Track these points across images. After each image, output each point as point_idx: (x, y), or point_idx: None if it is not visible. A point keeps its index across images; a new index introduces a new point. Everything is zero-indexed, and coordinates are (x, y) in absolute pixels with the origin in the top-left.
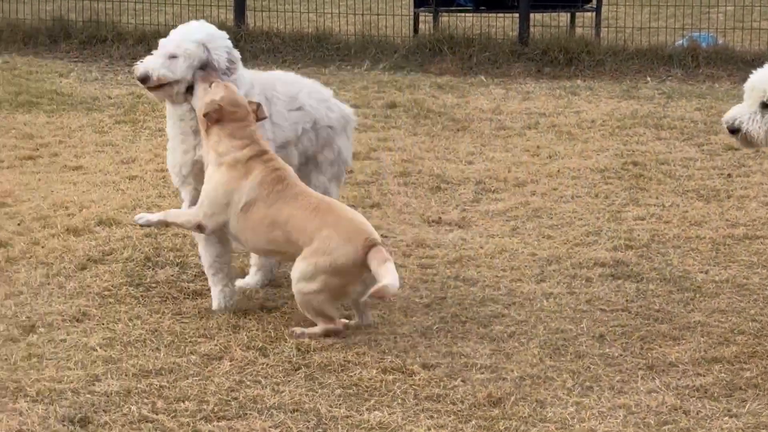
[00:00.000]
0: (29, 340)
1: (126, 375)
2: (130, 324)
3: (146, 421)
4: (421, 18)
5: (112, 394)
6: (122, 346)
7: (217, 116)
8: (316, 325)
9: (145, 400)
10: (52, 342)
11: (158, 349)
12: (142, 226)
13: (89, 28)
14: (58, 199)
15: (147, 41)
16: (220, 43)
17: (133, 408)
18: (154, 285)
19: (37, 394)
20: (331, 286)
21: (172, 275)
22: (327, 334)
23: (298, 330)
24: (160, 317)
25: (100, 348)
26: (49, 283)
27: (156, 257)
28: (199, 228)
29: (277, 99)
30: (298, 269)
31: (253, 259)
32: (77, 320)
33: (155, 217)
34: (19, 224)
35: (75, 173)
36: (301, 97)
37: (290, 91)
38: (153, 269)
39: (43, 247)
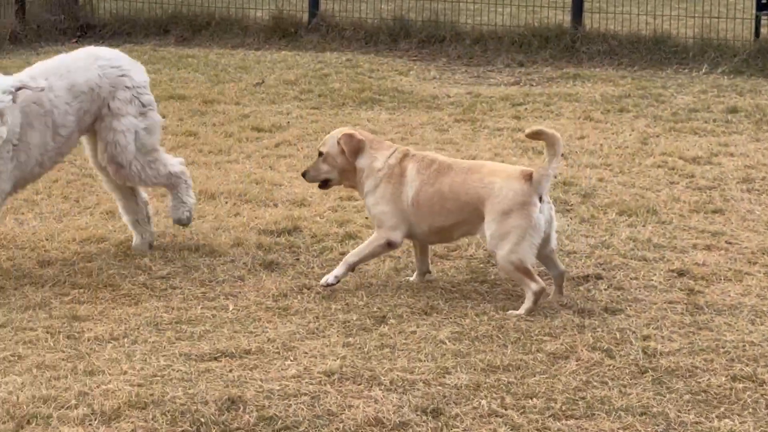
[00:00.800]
0: (381, 330)
1: (475, 369)
2: (476, 319)
3: (496, 416)
4: (763, 21)
5: (461, 387)
6: (470, 340)
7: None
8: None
9: (494, 395)
10: (402, 333)
11: (505, 346)
12: (329, 285)
13: (428, 27)
14: None
15: (484, 41)
16: None
17: (483, 402)
18: (498, 282)
19: (390, 383)
20: (519, 228)
21: None
22: (536, 300)
23: (515, 313)
24: (505, 314)
25: (449, 341)
26: (397, 276)
27: None
28: (391, 245)
29: None
30: (489, 231)
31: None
32: (426, 313)
33: (340, 270)
34: (366, 218)
35: None
36: None
37: None
38: (496, 266)
39: None
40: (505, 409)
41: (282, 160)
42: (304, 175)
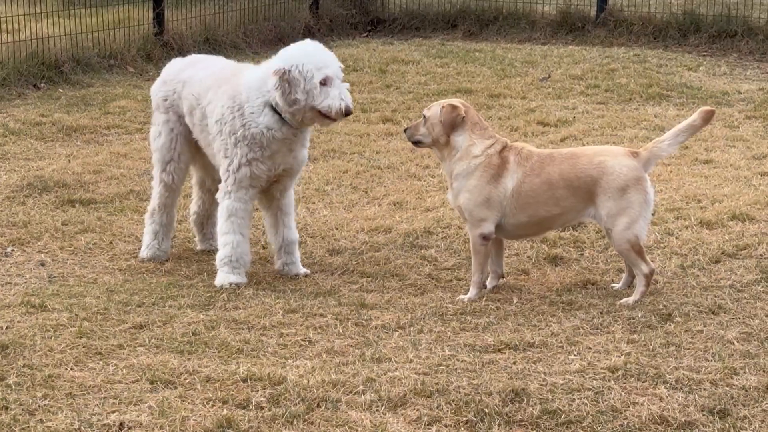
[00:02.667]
0: (666, 328)
1: (764, 371)
2: (766, 320)
3: None
4: None
5: (750, 388)
6: (759, 341)
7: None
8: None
9: None
10: (689, 332)
11: None
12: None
13: (719, 22)
14: (690, 192)
15: None
16: None
17: None
18: None
19: (676, 381)
20: (636, 203)
21: None
22: (648, 283)
23: (631, 301)
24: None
25: (737, 342)
26: (683, 274)
27: None
28: (486, 238)
29: None
30: (606, 209)
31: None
32: (713, 312)
33: (472, 291)
34: (653, 214)
35: (706, 167)
36: None
37: None
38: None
39: (676, 238)
40: None
41: None
42: (405, 130)
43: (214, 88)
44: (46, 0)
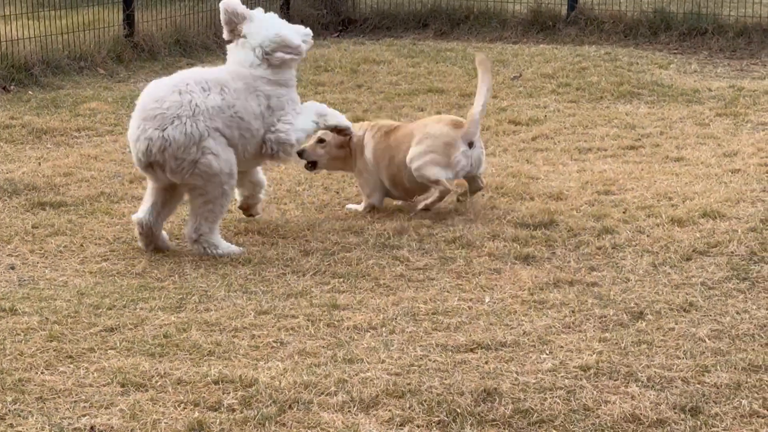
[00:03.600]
0: (638, 326)
1: (735, 368)
2: (737, 317)
3: (757, 416)
4: None
5: (722, 386)
6: (730, 339)
7: None
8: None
9: (756, 395)
10: (660, 330)
11: (767, 345)
12: None
13: (689, 20)
14: (661, 189)
15: (748, 34)
16: None
17: (744, 402)
18: (759, 280)
19: (648, 379)
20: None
21: None
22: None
23: (420, 206)
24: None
25: (709, 339)
26: (655, 272)
27: (762, 252)
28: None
29: None
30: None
31: None
32: (684, 310)
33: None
34: (624, 212)
35: (677, 164)
36: None
37: None
38: (758, 264)
39: (648, 236)
40: (767, 410)
41: (539, 154)
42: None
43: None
44: (15, 2)
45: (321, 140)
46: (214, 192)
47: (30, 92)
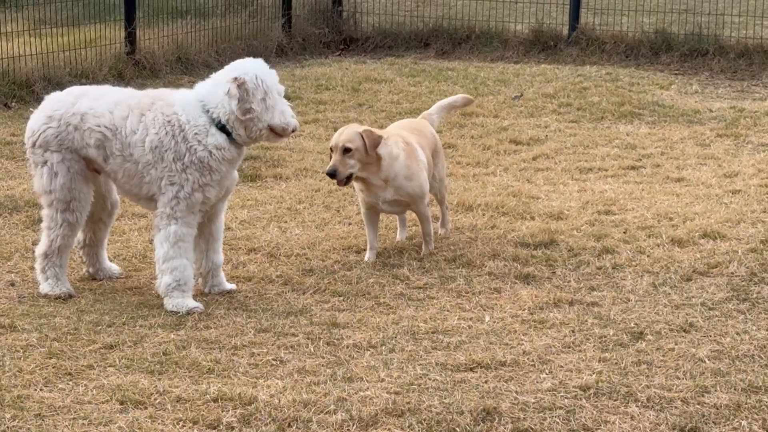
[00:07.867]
0: (638, 346)
1: (735, 389)
2: (737, 338)
3: None
4: None
5: (721, 406)
6: (730, 360)
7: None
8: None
9: (756, 416)
10: (660, 350)
11: (767, 366)
12: None
13: (691, 41)
14: (661, 210)
15: (749, 55)
16: None
17: (744, 423)
18: (759, 300)
19: (647, 400)
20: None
21: None
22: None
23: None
24: None
25: (708, 360)
26: (655, 292)
27: (762, 272)
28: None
29: None
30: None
31: None
32: (684, 330)
33: (432, 245)
34: (624, 232)
35: (678, 185)
36: None
37: None
38: (758, 284)
39: (648, 256)
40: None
41: (539, 174)
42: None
43: (133, 116)
44: (17, 19)
45: (347, 150)
46: None
47: (31, 109)
